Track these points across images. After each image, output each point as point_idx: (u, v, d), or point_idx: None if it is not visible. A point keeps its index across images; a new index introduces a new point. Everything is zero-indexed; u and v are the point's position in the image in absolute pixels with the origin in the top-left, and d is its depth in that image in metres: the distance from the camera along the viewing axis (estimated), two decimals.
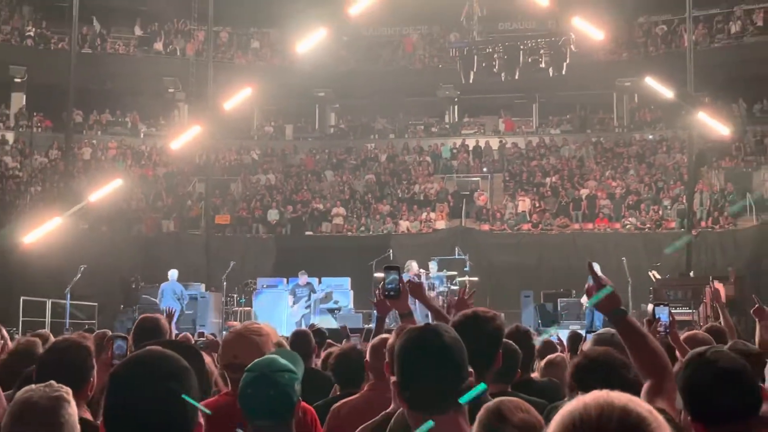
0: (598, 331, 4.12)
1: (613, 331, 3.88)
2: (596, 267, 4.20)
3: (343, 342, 7.54)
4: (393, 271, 3.89)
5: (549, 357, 5.34)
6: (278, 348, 3.26)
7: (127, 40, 30.26)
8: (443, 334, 2.28)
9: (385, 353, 3.39)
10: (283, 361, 2.78)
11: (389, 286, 3.83)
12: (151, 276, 20.40)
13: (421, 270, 17.89)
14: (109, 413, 1.95)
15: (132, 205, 25.27)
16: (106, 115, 29.45)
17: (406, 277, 17.07)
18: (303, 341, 6.09)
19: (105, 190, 21.81)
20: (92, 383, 3.38)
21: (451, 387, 2.23)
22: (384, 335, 4.16)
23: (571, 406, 1.41)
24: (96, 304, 20.14)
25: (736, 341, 4.52)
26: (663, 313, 4.76)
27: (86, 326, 15.76)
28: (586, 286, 2.97)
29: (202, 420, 1.98)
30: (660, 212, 23.63)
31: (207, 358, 3.91)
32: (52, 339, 5.95)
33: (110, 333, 6.18)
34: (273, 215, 25.29)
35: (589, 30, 22.71)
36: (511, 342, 3.93)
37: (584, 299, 17.83)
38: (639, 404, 1.41)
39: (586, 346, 4.17)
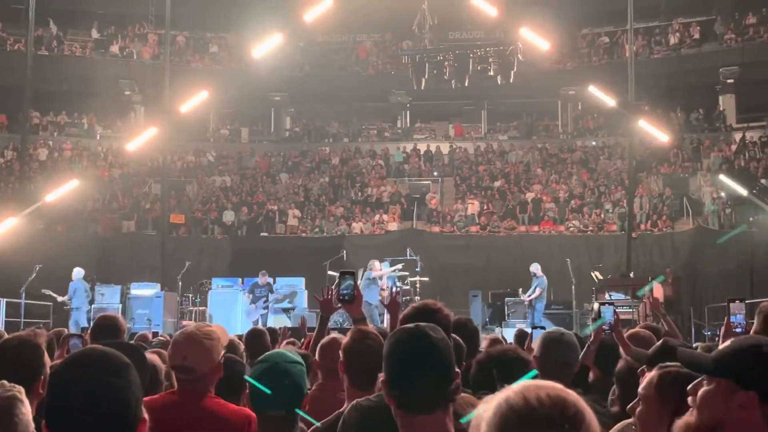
0: (548, 330, 4.37)
1: (562, 330, 4.27)
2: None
3: (302, 340, 7.97)
4: (349, 276, 3.89)
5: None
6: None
7: (83, 43, 30.28)
8: (433, 335, 2.28)
9: (334, 353, 3.44)
10: (292, 354, 2.95)
11: (344, 291, 3.82)
12: (107, 276, 20.52)
13: (386, 272, 18.42)
14: (51, 411, 1.93)
15: (88, 206, 25.35)
16: (62, 116, 29.46)
17: (369, 275, 17.52)
18: (259, 340, 6.30)
19: (61, 190, 21.87)
20: (44, 381, 3.20)
21: (439, 387, 2.23)
22: (335, 335, 4.25)
23: (502, 394, 1.46)
24: (51, 303, 20.19)
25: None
26: (608, 312, 4.88)
27: (40, 325, 16.00)
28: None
29: (146, 415, 1.96)
30: (602, 215, 24.38)
31: (154, 356, 4.14)
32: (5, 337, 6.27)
33: (66, 331, 6.44)
34: (228, 216, 25.58)
35: (536, 40, 23.13)
36: (455, 336, 4.11)
37: (526, 296, 18.67)
38: (564, 389, 1.47)
39: (534, 343, 4.45)
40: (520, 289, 19.31)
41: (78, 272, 18.35)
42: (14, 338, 3.45)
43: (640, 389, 2.65)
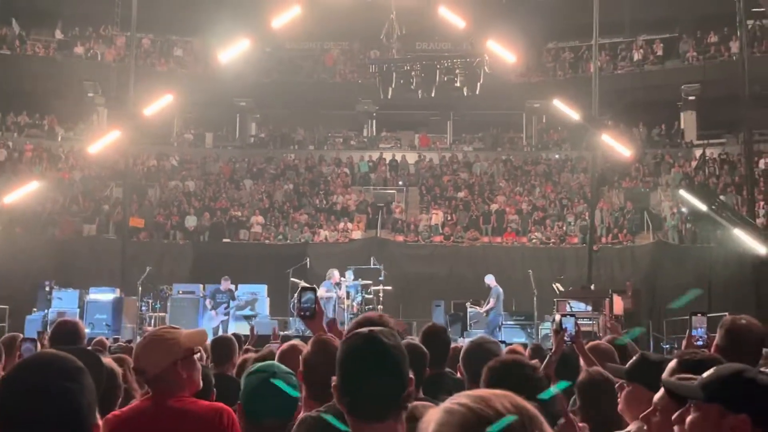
0: (473, 337, 4.45)
1: (488, 337, 4.39)
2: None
3: (265, 347, 7.86)
4: (309, 291, 3.83)
5: None
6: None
7: (47, 43, 29.89)
8: (386, 341, 2.25)
9: (294, 362, 3.40)
10: (283, 366, 2.95)
11: (305, 305, 3.77)
12: (66, 280, 20.27)
13: (342, 278, 18.40)
14: (2, 415, 1.90)
15: (47, 209, 24.95)
16: (23, 116, 28.97)
17: (327, 285, 17.47)
18: (224, 347, 6.24)
19: (20, 192, 21.56)
20: None
21: (391, 394, 2.20)
22: (295, 342, 4.23)
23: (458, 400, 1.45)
24: (6, 306, 19.85)
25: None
26: (569, 324, 4.87)
27: None
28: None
29: (100, 421, 1.96)
30: (564, 228, 24.68)
31: (111, 361, 4.04)
32: None
33: (20, 336, 6.33)
34: (191, 221, 25.34)
35: (502, 53, 23.26)
36: (417, 344, 4.07)
37: (482, 309, 18.79)
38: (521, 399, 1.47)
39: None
40: (478, 302, 19.34)
41: None
42: None
43: (656, 399, 2.68)
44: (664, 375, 2.79)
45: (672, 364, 2.90)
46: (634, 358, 3.37)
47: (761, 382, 2.01)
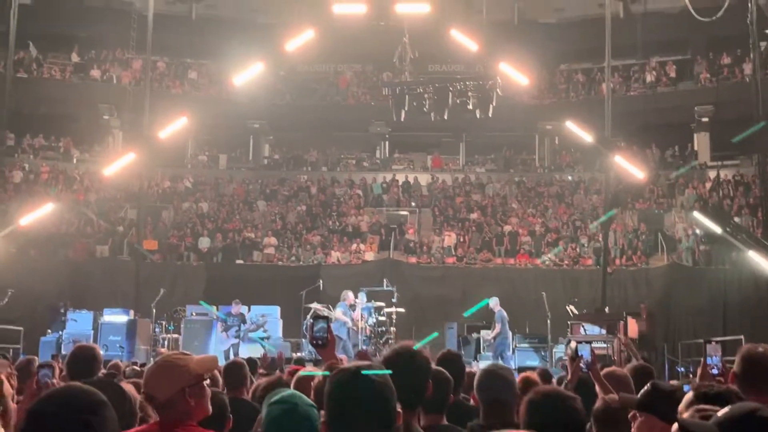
0: (486, 364, 4.40)
1: (501, 364, 4.35)
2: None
3: (277, 371, 7.71)
4: (321, 320, 3.80)
5: None
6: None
7: (63, 66, 30.21)
8: (373, 378, 2.25)
9: (308, 390, 3.39)
10: (305, 397, 2.92)
11: (317, 334, 3.75)
12: (80, 302, 20.28)
13: (357, 300, 18.37)
14: None
15: (61, 230, 25.09)
16: (39, 139, 29.28)
17: (343, 307, 17.46)
18: (236, 372, 6.18)
19: (36, 214, 21.67)
20: (8, 409, 3.17)
21: (378, 430, 2.22)
22: (309, 368, 4.31)
23: None
24: (21, 328, 19.90)
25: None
26: (585, 351, 4.86)
27: (10, 351, 15.74)
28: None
29: None
30: (577, 250, 24.61)
31: (130, 387, 4.11)
32: None
33: (36, 359, 6.28)
34: (204, 243, 25.42)
35: (515, 75, 23.27)
36: (442, 370, 4.03)
37: (490, 334, 18.67)
38: None
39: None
40: (485, 327, 19.23)
41: None
42: None
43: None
44: (681, 407, 2.77)
45: (689, 396, 2.88)
46: (646, 387, 3.35)
47: None
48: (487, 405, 3.97)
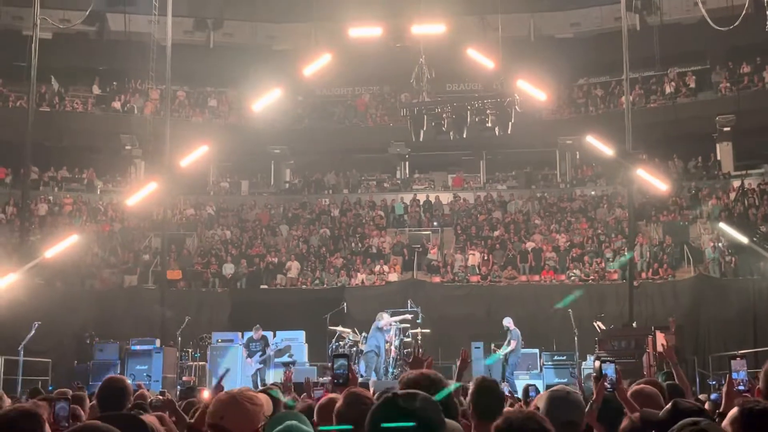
0: (553, 388, 4.27)
1: (568, 389, 4.15)
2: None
3: (303, 396, 7.79)
4: (341, 357, 3.75)
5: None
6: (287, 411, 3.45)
7: (84, 98, 30.63)
8: (410, 406, 2.24)
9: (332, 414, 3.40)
10: (303, 427, 2.99)
11: (338, 371, 3.71)
12: (106, 332, 20.38)
13: (392, 321, 18.26)
14: None
15: (86, 261, 25.29)
16: (62, 171, 29.64)
17: (378, 324, 17.22)
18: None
19: (61, 245, 21.84)
20: None
21: None
22: (332, 395, 4.15)
23: None
24: (50, 360, 20.02)
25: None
26: (609, 369, 4.69)
27: (39, 383, 15.83)
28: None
29: None
30: (603, 264, 24.42)
31: (151, 418, 4.15)
32: (5, 401, 6.08)
33: (70, 392, 6.30)
34: (228, 269, 25.50)
35: (533, 91, 23.21)
36: (491, 380, 4.03)
37: (501, 352, 18.48)
38: None
39: (540, 401, 4.38)
40: (500, 345, 19.05)
41: None
42: (13, 410, 3.30)
43: None
44: (724, 424, 2.71)
45: (734, 413, 2.81)
46: (668, 406, 3.28)
47: None
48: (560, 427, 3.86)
